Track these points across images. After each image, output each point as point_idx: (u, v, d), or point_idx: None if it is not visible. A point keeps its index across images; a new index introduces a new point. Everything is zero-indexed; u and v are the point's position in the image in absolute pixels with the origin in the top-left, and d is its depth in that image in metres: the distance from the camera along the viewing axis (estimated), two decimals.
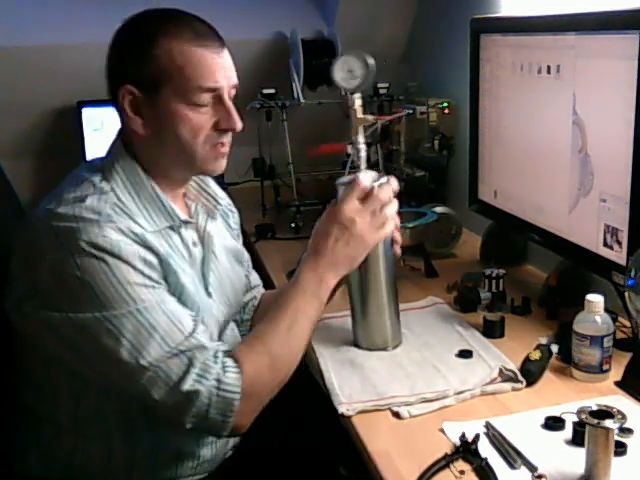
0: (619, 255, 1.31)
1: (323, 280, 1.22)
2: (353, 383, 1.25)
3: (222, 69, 1.18)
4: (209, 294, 1.25)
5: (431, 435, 1.11)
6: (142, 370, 1.06)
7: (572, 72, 1.40)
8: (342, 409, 1.17)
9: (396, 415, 1.16)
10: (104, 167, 1.18)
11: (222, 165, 1.25)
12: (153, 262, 1.11)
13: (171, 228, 1.20)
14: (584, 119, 1.39)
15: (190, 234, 1.24)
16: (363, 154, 1.33)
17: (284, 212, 2.29)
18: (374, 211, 1.25)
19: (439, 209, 1.91)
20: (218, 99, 1.17)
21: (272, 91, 2.30)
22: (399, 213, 1.38)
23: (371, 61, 1.31)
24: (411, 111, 2.15)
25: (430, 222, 1.76)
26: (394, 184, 1.29)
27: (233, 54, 1.24)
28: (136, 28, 1.18)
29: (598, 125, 1.35)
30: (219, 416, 1.09)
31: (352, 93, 1.32)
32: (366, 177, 1.27)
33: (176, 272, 1.15)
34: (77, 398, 1.17)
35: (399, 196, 1.32)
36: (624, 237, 1.29)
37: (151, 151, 1.19)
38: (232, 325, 1.38)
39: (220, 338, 1.27)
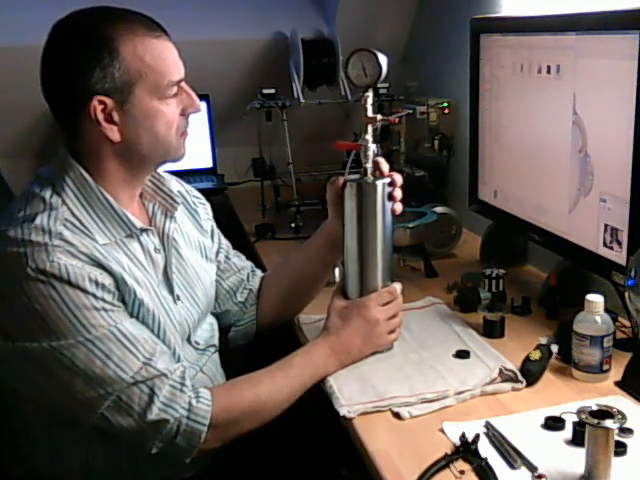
0: (619, 255, 1.31)
1: (331, 362, 1.27)
2: (352, 385, 1.25)
3: (178, 58, 1.18)
4: (176, 298, 1.25)
5: (431, 435, 1.11)
6: (100, 400, 1.06)
7: (572, 72, 1.40)
8: (343, 411, 1.17)
9: (396, 415, 1.16)
10: (54, 180, 1.14)
11: (186, 149, 1.24)
12: (106, 283, 1.08)
13: (129, 236, 1.17)
14: (584, 119, 1.39)
15: (150, 240, 1.22)
16: (371, 153, 1.32)
17: (284, 212, 2.29)
18: (392, 315, 1.32)
19: (439, 209, 1.91)
20: (180, 87, 1.18)
21: (272, 91, 2.29)
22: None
23: (384, 58, 1.30)
24: (411, 111, 2.15)
25: (430, 222, 1.76)
26: (399, 179, 1.33)
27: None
28: (85, 34, 1.10)
29: (598, 125, 1.35)
30: (185, 444, 1.11)
31: (364, 91, 1.31)
32: (399, 287, 1.35)
33: (132, 289, 1.12)
34: (48, 415, 1.16)
35: (404, 191, 1.35)
36: (624, 237, 1.29)
37: (125, 154, 1.15)
38: (210, 319, 1.39)
39: (190, 339, 1.28)
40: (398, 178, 1.33)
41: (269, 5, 2.59)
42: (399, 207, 1.34)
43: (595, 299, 1.23)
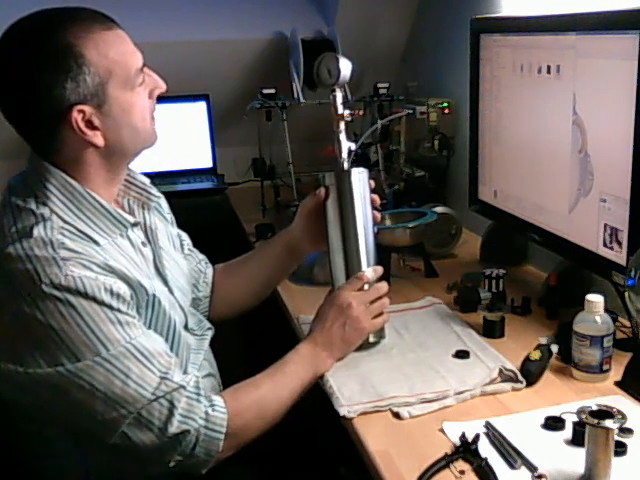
0: (619, 255, 1.31)
1: (320, 355, 1.28)
2: (351, 385, 1.25)
3: (132, 44, 1.15)
4: (170, 289, 1.25)
5: (431, 435, 1.11)
6: (121, 419, 1.04)
7: (572, 72, 1.40)
8: (343, 411, 1.17)
9: (396, 415, 1.16)
10: (35, 189, 1.09)
11: (157, 133, 1.21)
12: (120, 292, 1.06)
13: (119, 235, 1.16)
14: (584, 119, 1.39)
15: (137, 234, 1.21)
16: (344, 147, 1.41)
17: (284, 212, 2.29)
18: (371, 301, 1.32)
19: (439, 209, 1.91)
20: (143, 71, 1.16)
21: (272, 91, 2.30)
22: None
23: (346, 63, 1.41)
24: (411, 111, 2.15)
25: (430, 222, 1.76)
26: (371, 183, 1.41)
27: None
28: (43, 48, 1.04)
29: (598, 125, 1.35)
30: (203, 455, 1.11)
31: (332, 91, 1.42)
32: (370, 272, 1.35)
33: (146, 289, 1.12)
34: (72, 434, 1.13)
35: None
36: (624, 237, 1.29)
37: (108, 155, 1.13)
38: (192, 310, 1.39)
39: (187, 327, 1.29)
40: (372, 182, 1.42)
41: (269, 5, 2.59)
42: (376, 196, 1.41)
43: (595, 299, 1.23)
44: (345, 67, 1.40)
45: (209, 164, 2.76)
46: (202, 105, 2.70)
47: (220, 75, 2.61)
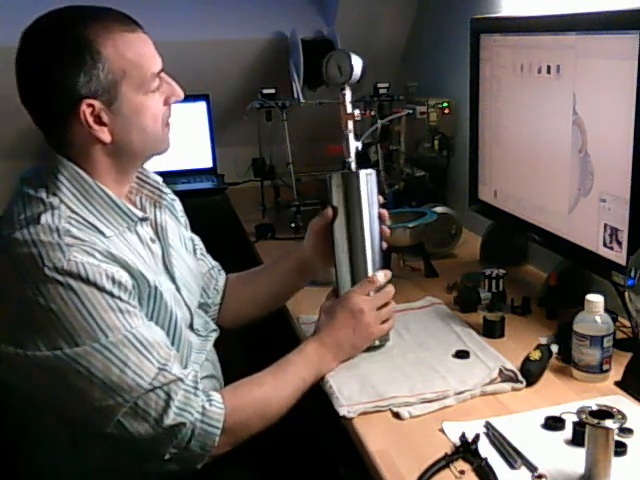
0: (619, 255, 1.31)
1: (325, 357, 1.28)
2: (351, 385, 1.25)
3: (154, 48, 1.16)
4: (178, 287, 1.26)
5: (431, 435, 1.11)
6: (118, 407, 1.05)
7: (572, 72, 1.40)
8: (343, 411, 1.17)
9: (396, 415, 1.16)
10: (46, 180, 1.12)
11: (170, 140, 1.22)
12: (122, 280, 1.07)
13: (127, 229, 1.17)
14: (584, 119, 1.39)
15: (146, 231, 1.22)
16: (352, 147, 1.40)
17: (284, 212, 2.29)
18: (381, 305, 1.33)
19: (439, 209, 1.91)
20: (160, 78, 1.17)
21: (272, 91, 2.30)
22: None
23: (357, 60, 1.39)
24: (411, 111, 2.15)
25: (430, 222, 1.76)
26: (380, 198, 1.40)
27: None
28: (62, 40, 1.08)
29: (598, 125, 1.35)
30: (199, 449, 1.11)
31: (341, 90, 1.40)
32: (381, 275, 1.35)
33: (148, 281, 1.12)
34: (71, 422, 1.13)
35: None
36: (624, 237, 1.29)
37: (116, 153, 1.15)
38: (199, 312, 1.40)
39: (192, 326, 1.30)
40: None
41: (269, 5, 2.59)
42: (384, 211, 1.40)
43: (595, 299, 1.23)
44: (357, 64, 1.38)
45: (209, 164, 2.77)
46: (202, 105, 2.70)
47: (220, 75, 2.62)
